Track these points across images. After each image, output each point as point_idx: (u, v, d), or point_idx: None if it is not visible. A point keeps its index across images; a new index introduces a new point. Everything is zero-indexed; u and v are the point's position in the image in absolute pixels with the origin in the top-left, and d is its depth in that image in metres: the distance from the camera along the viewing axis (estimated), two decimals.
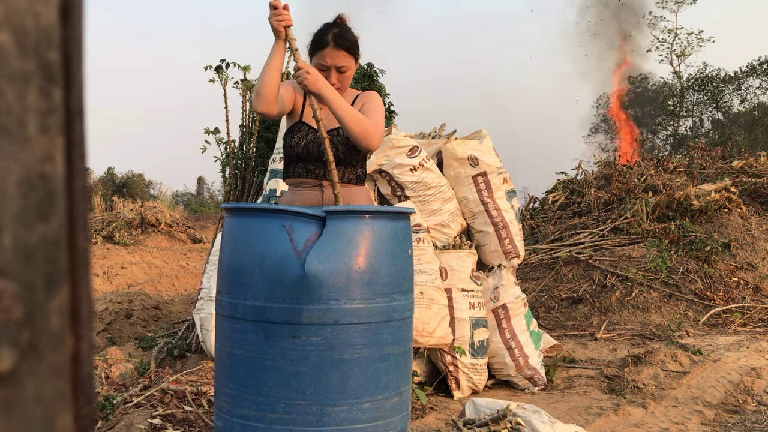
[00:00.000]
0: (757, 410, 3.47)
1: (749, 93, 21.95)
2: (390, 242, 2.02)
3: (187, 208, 19.91)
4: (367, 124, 2.29)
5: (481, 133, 4.25)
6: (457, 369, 3.73)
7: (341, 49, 2.38)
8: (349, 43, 2.40)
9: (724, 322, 5.71)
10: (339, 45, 2.38)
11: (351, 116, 2.26)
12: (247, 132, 4.94)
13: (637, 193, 7.92)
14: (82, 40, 0.46)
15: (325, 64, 2.38)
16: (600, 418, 3.38)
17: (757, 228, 7.00)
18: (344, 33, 2.41)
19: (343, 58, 2.39)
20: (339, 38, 2.38)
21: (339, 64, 2.38)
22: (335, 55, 2.38)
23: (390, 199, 4.02)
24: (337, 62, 2.38)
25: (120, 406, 2.89)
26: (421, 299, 3.53)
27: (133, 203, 14.05)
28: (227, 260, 2.06)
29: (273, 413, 1.92)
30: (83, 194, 0.46)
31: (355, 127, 2.26)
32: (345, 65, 2.40)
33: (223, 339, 2.04)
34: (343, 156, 2.38)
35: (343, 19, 2.47)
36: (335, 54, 2.37)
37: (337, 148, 2.36)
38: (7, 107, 0.42)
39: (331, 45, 2.37)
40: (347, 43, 2.39)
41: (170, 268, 9.62)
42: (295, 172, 2.42)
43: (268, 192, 4.07)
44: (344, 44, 2.38)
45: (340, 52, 2.38)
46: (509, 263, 4.13)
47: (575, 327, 5.72)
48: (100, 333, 5.28)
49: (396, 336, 2.02)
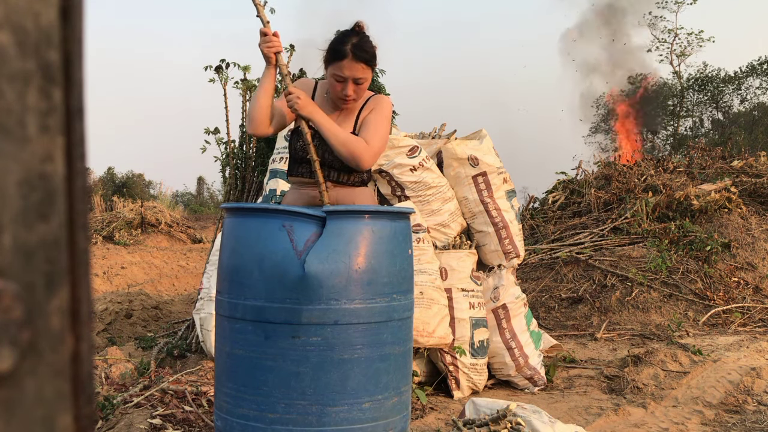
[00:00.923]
0: (757, 410, 3.47)
1: (749, 93, 21.94)
2: (390, 242, 2.02)
3: (187, 208, 19.91)
4: (354, 147, 2.24)
5: (481, 133, 4.25)
6: (457, 369, 3.73)
7: (360, 62, 2.28)
8: (368, 55, 2.29)
9: (724, 322, 5.71)
10: (358, 57, 2.27)
11: (338, 140, 2.24)
12: (247, 132, 4.93)
13: (637, 193, 7.92)
14: (82, 39, 0.46)
15: (343, 75, 2.28)
16: (600, 418, 3.38)
17: (757, 228, 7.00)
18: (363, 44, 2.29)
19: (361, 71, 2.29)
20: (358, 50, 2.27)
21: (357, 76, 2.29)
22: (354, 68, 2.28)
23: (390, 199, 4.02)
24: (356, 74, 2.29)
25: (120, 406, 2.89)
26: (421, 299, 3.53)
27: (133, 203, 14.04)
28: (227, 260, 2.06)
29: (273, 413, 1.92)
30: (83, 194, 0.46)
31: (342, 150, 2.25)
32: (363, 77, 2.31)
33: (223, 339, 2.04)
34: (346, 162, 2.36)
35: (361, 27, 2.35)
36: (354, 66, 2.27)
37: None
38: (7, 107, 0.42)
39: (350, 57, 2.26)
40: (366, 55, 2.29)
41: (170, 268, 9.62)
42: (298, 171, 2.42)
43: (268, 192, 4.07)
44: (363, 56, 2.28)
45: (359, 64, 2.28)
46: (509, 263, 4.13)
47: (575, 327, 5.72)
48: (100, 333, 5.28)
49: (396, 336, 2.02)
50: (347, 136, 2.28)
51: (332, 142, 2.24)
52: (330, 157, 2.33)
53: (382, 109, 2.39)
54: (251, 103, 2.30)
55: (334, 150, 2.26)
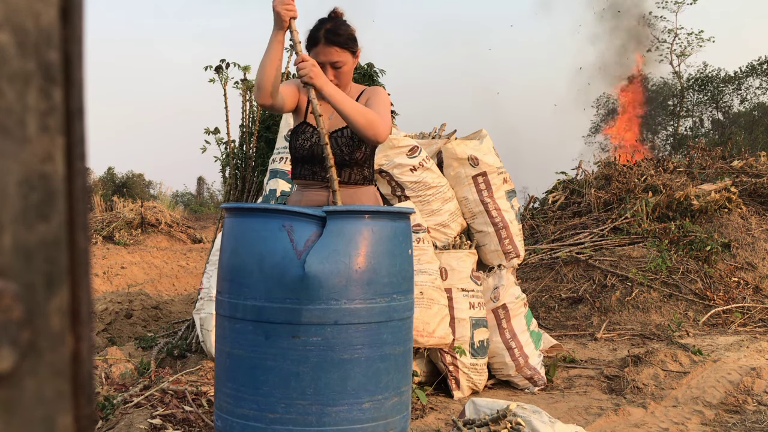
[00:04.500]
0: (757, 410, 3.47)
1: (749, 93, 21.92)
2: (390, 242, 2.02)
3: (187, 208, 19.89)
4: (372, 116, 2.22)
5: (481, 133, 4.25)
6: (457, 369, 3.73)
7: (333, 45, 2.32)
8: (341, 38, 2.33)
9: (724, 322, 5.71)
10: (330, 41, 2.32)
11: (355, 109, 2.20)
12: (247, 132, 4.94)
13: (637, 193, 7.92)
14: (82, 40, 0.46)
15: (320, 60, 2.31)
16: (600, 418, 3.38)
17: (757, 228, 7.00)
18: (337, 28, 2.34)
19: (336, 54, 2.33)
20: (330, 34, 2.32)
21: (333, 59, 2.32)
22: (328, 52, 2.32)
23: (390, 199, 4.02)
24: (331, 58, 2.32)
25: (120, 406, 2.89)
26: (421, 299, 3.53)
27: (133, 203, 14.03)
28: (227, 260, 2.06)
29: (273, 413, 1.92)
30: (83, 194, 0.46)
31: (360, 119, 2.19)
32: (339, 60, 2.33)
33: (223, 339, 2.04)
34: (348, 158, 2.34)
35: (337, 13, 2.40)
36: (327, 50, 2.32)
37: (341, 150, 2.33)
38: (7, 107, 0.42)
39: (323, 42, 2.32)
40: (339, 39, 2.32)
41: (170, 268, 9.62)
42: (301, 173, 2.39)
43: (268, 192, 4.07)
44: (336, 39, 2.32)
45: (333, 48, 2.32)
46: (509, 263, 4.13)
47: (575, 327, 5.72)
48: (100, 333, 5.28)
49: (396, 336, 2.02)
50: (363, 106, 2.25)
51: (349, 111, 2.18)
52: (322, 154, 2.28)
53: (380, 95, 2.39)
54: (259, 70, 2.24)
55: (350, 121, 2.20)
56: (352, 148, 2.34)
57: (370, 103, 2.35)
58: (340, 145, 2.33)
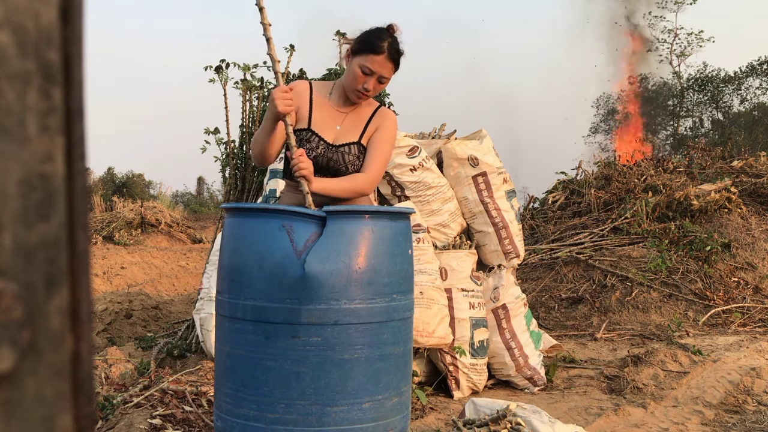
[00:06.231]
0: (757, 410, 3.47)
1: (749, 93, 21.93)
2: (390, 242, 2.02)
3: (187, 208, 19.88)
4: (357, 188, 2.31)
5: (481, 133, 4.25)
6: (457, 369, 3.73)
7: (392, 62, 2.36)
8: (399, 57, 2.39)
9: (724, 322, 5.71)
10: (392, 56, 2.36)
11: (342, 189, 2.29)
12: (247, 132, 4.94)
13: (637, 193, 7.92)
14: (82, 40, 0.46)
15: (372, 69, 2.33)
16: (600, 418, 3.38)
17: (757, 228, 7.00)
18: (398, 45, 2.39)
19: (390, 70, 2.38)
20: (393, 50, 2.36)
21: (385, 75, 2.37)
22: (385, 65, 2.35)
23: (390, 199, 4.02)
24: (384, 72, 2.36)
25: (120, 406, 2.89)
26: (421, 299, 3.53)
27: (133, 203, 14.04)
28: (227, 260, 2.06)
29: (273, 413, 1.92)
30: (83, 194, 0.46)
31: (348, 194, 2.31)
32: (387, 78, 2.39)
33: (223, 339, 2.04)
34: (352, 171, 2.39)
35: (395, 29, 2.42)
36: (386, 64, 2.35)
37: (347, 167, 2.37)
38: (7, 107, 0.42)
39: (386, 54, 2.34)
40: (398, 57, 2.38)
41: (170, 268, 9.62)
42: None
43: (268, 192, 4.07)
44: (396, 57, 2.37)
45: (391, 64, 2.36)
46: (509, 263, 4.13)
47: (575, 327, 5.72)
48: (100, 333, 5.28)
49: (396, 336, 2.02)
50: (347, 183, 2.32)
51: (336, 194, 2.30)
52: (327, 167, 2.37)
53: (389, 130, 2.44)
54: (257, 145, 2.32)
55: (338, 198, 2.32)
56: (356, 168, 2.40)
57: (374, 141, 2.39)
58: (346, 163, 2.37)
